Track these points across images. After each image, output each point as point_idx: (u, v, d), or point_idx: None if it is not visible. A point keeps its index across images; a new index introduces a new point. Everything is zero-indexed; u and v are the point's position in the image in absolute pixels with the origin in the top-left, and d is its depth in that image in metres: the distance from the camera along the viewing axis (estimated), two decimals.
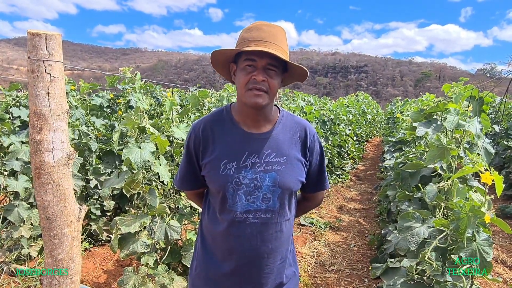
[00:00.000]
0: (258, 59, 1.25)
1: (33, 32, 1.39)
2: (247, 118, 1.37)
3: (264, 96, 1.27)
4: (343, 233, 4.78)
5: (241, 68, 1.28)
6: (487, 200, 1.73)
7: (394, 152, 4.64)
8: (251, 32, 1.28)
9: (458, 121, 2.02)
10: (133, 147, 2.23)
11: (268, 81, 1.27)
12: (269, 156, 1.34)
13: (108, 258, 3.72)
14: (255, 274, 1.38)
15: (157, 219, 2.43)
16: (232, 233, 1.35)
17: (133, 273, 2.29)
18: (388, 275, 2.05)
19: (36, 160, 1.42)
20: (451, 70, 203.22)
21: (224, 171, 1.33)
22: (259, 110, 1.33)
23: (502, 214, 5.46)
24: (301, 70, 1.34)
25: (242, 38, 1.30)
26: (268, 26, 1.29)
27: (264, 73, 1.26)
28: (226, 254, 1.38)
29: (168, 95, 3.14)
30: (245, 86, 1.27)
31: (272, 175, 1.32)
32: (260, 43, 1.24)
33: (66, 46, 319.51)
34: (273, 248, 1.37)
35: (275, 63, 1.26)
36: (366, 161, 10.88)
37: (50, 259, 1.49)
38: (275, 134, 1.37)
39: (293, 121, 1.44)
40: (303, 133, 1.42)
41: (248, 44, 1.26)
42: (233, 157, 1.34)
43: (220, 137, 1.38)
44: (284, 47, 1.29)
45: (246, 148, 1.34)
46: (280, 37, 1.29)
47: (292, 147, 1.38)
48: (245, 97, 1.28)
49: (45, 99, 1.40)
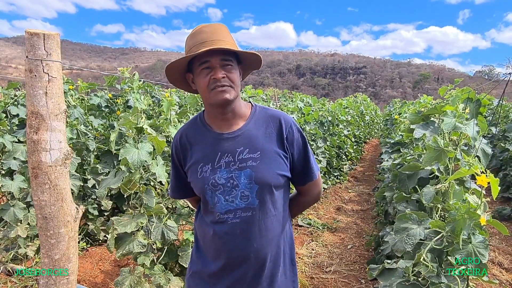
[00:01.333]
0: (211, 58, 1.26)
1: (31, 31, 1.39)
2: (217, 119, 1.38)
3: (230, 91, 1.28)
4: (341, 234, 4.78)
5: (198, 73, 1.30)
6: (483, 202, 1.74)
7: (391, 154, 4.65)
8: (195, 37, 1.30)
9: (455, 123, 2.03)
10: (130, 147, 2.23)
11: (228, 76, 1.28)
12: (242, 153, 1.33)
13: (106, 258, 3.71)
14: (244, 274, 1.37)
15: (154, 219, 2.43)
16: (217, 234, 1.35)
17: (129, 273, 2.29)
18: (385, 276, 2.05)
19: (33, 160, 1.42)
20: (450, 72, 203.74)
21: (201, 174, 1.35)
22: (228, 106, 1.33)
23: (499, 216, 5.48)
24: (254, 56, 1.35)
25: (189, 45, 1.31)
26: (209, 26, 1.31)
27: (222, 69, 1.27)
28: (214, 255, 1.40)
29: (166, 96, 3.14)
30: (207, 88, 1.28)
31: (247, 172, 1.31)
32: (207, 43, 1.25)
33: (65, 45, 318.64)
34: (258, 247, 1.35)
35: (227, 57, 1.28)
36: (364, 162, 10.90)
37: (47, 259, 1.49)
38: (247, 130, 1.36)
39: (267, 114, 1.42)
40: (277, 124, 1.39)
41: (195, 49, 1.26)
42: (208, 160, 1.35)
43: (196, 143, 1.40)
44: (230, 41, 1.30)
45: (219, 149, 1.35)
46: (223, 33, 1.30)
47: (266, 141, 1.36)
48: (211, 98, 1.29)
49: (43, 98, 1.40)
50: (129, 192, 2.38)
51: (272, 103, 6.97)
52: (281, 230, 1.42)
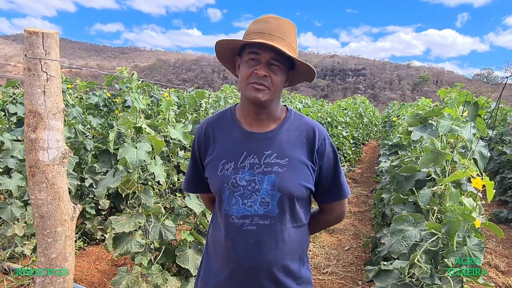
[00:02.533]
0: (262, 52, 1.17)
1: (30, 30, 1.39)
2: (249, 116, 1.29)
3: (264, 92, 1.19)
4: (338, 236, 4.79)
5: (244, 61, 1.21)
6: (478, 205, 1.75)
7: (389, 156, 4.67)
8: (258, 24, 1.21)
9: (451, 126, 2.04)
10: (129, 146, 2.24)
11: (271, 77, 1.19)
12: (269, 157, 1.24)
13: (103, 257, 3.71)
14: (252, 286, 1.26)
15: (152, 219, 2.44)
16: (229, 240, 1.26)
17: (127, 273, 2.29)
18: (381, 277, 2.06)
19: (30, 159, 1.42)
20: (449, 75, 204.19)
21: (221, 172, 1.26)
22: (261, 107, 1.25)
23: (496, 219, 5.49)
24: (308, 69, 1.25)
25: (249, 30, 1.23)
26: (277, 19, 1.21)
27: (267, 68, 1.18)
28: (224, 263, 1.30)
29: (165, 96, 3.14)
30: (246, 80, 1.20)
31: (271, 178, 1.22)
32: (266, 35, 1.17)
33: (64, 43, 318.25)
34: (273, 260, 1.24)
35: (279, 58, 1.19)
36: (362, 164, 10.91)
37: (43, 258, 1.49)
38: (279, 134, 1.28)
39: (301, 121, 1.33)
40: (311, 134, 1.30)
41: (252, 36, 1.18)
42: (231, 157, 1.26)
43: (221, 137, 1.32)
44: (291, 43, 1.21)
45: (245, 148, 1.26)
46: (288, 31, 1.21)
47: (296, 149, 1.27)
48: (245, 91, 1.21)
49: (41, 97, 1.40)
50: (127, 192, 2.39)
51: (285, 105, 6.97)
52: (299, 245, 1.32)
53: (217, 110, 3.77)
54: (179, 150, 3.07)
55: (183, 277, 2.65)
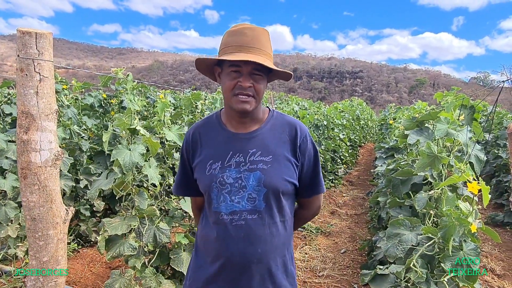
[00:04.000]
0: (243, 65, 1.24)
1: (23, 30, 1.38)
2: (234, 120, 1.37)
3: (251, 102, 1.27)
4: (335, 238, 4.78)
5: (226, 73, 1.28)
6: (474, 210, 1.74)
7: (386, 159, 4.66)
8: (235, 37, 1.26)
9: (448, 130, 2.03)
10: (122, 148, 2.21)
11: (254, 86, 1.26)
12: (254, 155, 1.32)
13: (97, 259, 3.68)
14: (245, 281, 1.31)
15: (146, 221, 2.41)
16: (219, 235, 1.32)
17: (120, 276, 2.27)
18: (376, 282, 2.05)
19: (22, 160, 1.40)
20: (445, 78, 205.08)
21: (209, 171, 1.33)
22: (246, 115, 1.34)
23: (492, 222, 5.50)
24: (286, 74, 1.35)
25: (226, 42, 1.28)
26: (252, 29, 1.27)
27: (250, 78, 1.25)
28: (214, 259, 1.35)
29: (161, 97, 3.12)
30: (231, 91, 1.27)
31: (256, 174, 1.29)
32: (244, 48, 1.23)
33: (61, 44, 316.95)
34: (262, 253, 1.30)
35: (260, 68, 1.26)
36: (359, 166, 10.91)
37: (35, 261, 1.47)
38: (262, 133, 1.36)
39: (284, 120, 1.41)
40: (293, 131, 1.37)
41: (231, 50, 1.25)
42: (218, 157, 1.33)
43: (208, 140, 1.39)
44: (268, 51, 1.29)
45: (231, 148, 1.33)
46: (263, 41, 1.28)
47: (280, 146, 1.34)
48: (231, 102, 1.28)
49: (34, 98, 1.38)
50: (121, 194, 2.36)
51: (267, 106, 6.97)
52: (286, 239, 1.39)
53: (213, 111, 3.75)
54: (175, 152, 3.05)
55: (178, 280, 2.63)
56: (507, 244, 4.75)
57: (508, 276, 3.79)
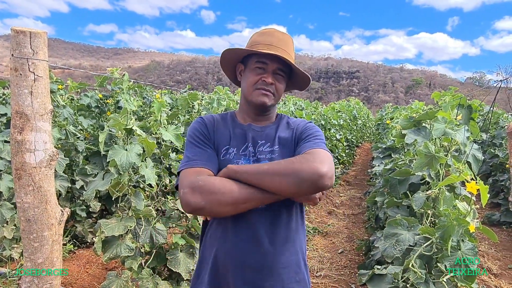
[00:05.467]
0: (270, 62, 1.32)
1: (17, 29, 1.36)
2: (248, 117, 1.42)
3: (270, 97, 1.34)
4: (332, 238, 4.77)
5: (251, 69, 1.35)
6: (472, 209, 1.74)
7: (383, 159, 4.66)
8: (264, 36, 1.35)
9: (445, 129, 2.03)
10: (119, 148, 2.20)
11: (275, 85, 1.34)
12: (263, 146, 1.37)
13: (93, 260, 3.65)
14: (249, 271, 1.26)
15: (142, 222, 2.40)
16: (230, 222, 1.29)
17: (116, 277, 2.25)
18: (374, 282, 2.04)
19: (17, 161, 1.38)
20: (441, 78, 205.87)
21: (224, 156, 1.35)
22: (264, 110, 1.39)
23: (488, 222, 5.52)
24: (306, 78, 1.40)
25: (255, 41, 1.36)
26: (281, 33, 1.37)
27: (273, 76, 1.33)
28: (224, 263, 1.30)
29: (157, 97, 3.11)
30: (253, 86, 1.34)
31: (265, 163, 1.30)
32: (273, 47, 1.31)
33: (57, 44, 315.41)
34: (268, 254, 1.26)
35: (283, 68, 1.34)
36: (356, 166, 10.93)
37: (29, 263, 1.46)
38: (272, 129, 1.41)
39: (290, 121, 1.48)
40: (297, 125, 1.44)
41: (261, 47, 1.32)
42: (234, 144, 1.37)
43: (223, 129, 1.41)
44: (292, 55, 1.36)
45: (246, 138, 1.38)
46: (290, 45, 1.37)
47: (286, 140, 1.39)
48: (252, 95, 1.34)
49: (28, 98, 1.37)
50: (118, 195, 2.35)
51: None
52: (299, 235, 1.37)
53: (210, 111, 3.73)
54: (171, 152, 3.03)
55: (174, 281, 2.61)
56: (504, 243, 4.77)
57: (505, 275, 3.80)
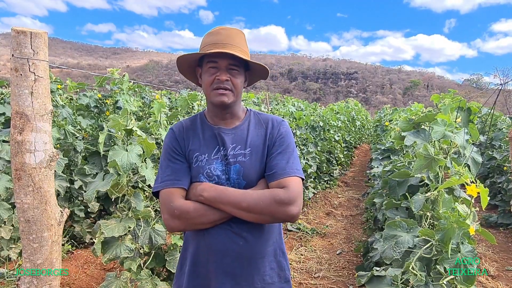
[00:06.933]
0: (220, 60, 1.34)
1: (17, 29, 1.35)
2: (216, 117, 1.44)
3: (229, 95, 1.36)
4: (330, 240, 4.78)
5: (205, 70, 1.38)
6: (472, 212, 1.74)
7: (382, 160, 4.67)
8: (212, 36, 1.37)
9: (445, 132, 2.04)
10: (119, 149, 2.19)
11: (231, 80, 1.35)
12: (234, 149, 1.39)
13: (91, 261, 3.65)
14: (229, 268, 1.34)
15: (141, 223, 2.39)
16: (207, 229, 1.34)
17: (115, 278, 2.24)
18: (373, 283, 2.04)
19: (16, 161, 1.38)
20: (439, 80, 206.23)
21: (196, 163, 1.39)
22: (226, 108, 1.40)
23: (486, 223, 5.54)
24: (261, 67, 1.42)
25: (204, 42, 1.39)
26: (226, 29, 1.39)
27: (227, 73, 1.35)
28: (204, 253, 1.38)
29: (157, 98, 3.10)
30: (210, 86, 1.36)
31: (236, 167, 1.36)
32: (219, 45, 1.33)
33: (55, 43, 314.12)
34: (246, 246, 1.34)
35: (235, 62, 1.35)
36: (354, 167, 10.94)
37: (29, 264, 1.45)
38: (242, 129, 1.43)
39: (260, 117, 1.49)
40: (268, 124, 1.45)
41: (208, 48, 1.34)
42: (204, 150, 1.40)
43: (194, 135, 1.45)
44: (242, 48, 1.38)
45: (216, 142, 1.41)
46: (237, 39, 1.38)
47: (257, 140, 1.41)
48: (211, 96, 1.37)
49: (28, 98, 1.36)
50: (117, 195, 2.34)
51: (263, 107, 6.95)
52: (271, 233, 1.42)
53: None
54: None
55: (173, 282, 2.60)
56: (501, 245, 4.78)
57: (502, 277, 3.81)
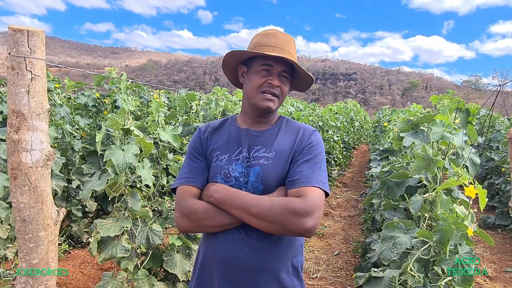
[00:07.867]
0: (275, 64, 1.29)
1: (14, 27, 1.34)
2: (249, 119, 1.39)
3: (275, 101, 1.32)
4: (328, 240, 4.77)
5: (256, 71, 1.31)
6: (470, 213, 1.74)
7: (380, 161, 4.67)
8: (268, 38, 1.32)
9: (443, 133, 2.04)
10: (116, 149, 2.18)
11: (281, 87, 1.31)
12: (258, 151, 1.32)
13: (89, 261, 3.63)
14: (240, 278, 1.25)
15: (138, 223, 2.38)
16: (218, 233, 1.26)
17: (112, 278, 2.23)
18: (371, 284, 2.04)
19: (13, 160, 1.37)
20: (438, 81, 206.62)
21: (215, 163, 1.34)
22: (268, 113, 1.36)
23: (484, 225, 5.54)
24: (309, 79, 1.37)
25: (258, 42, 1.33)
26: (284, 34, 1.34)
27: (278, 78, 1.30)
28: (210, 259, 1.31)
29: (155, 97, 3.09)
30: (258, 89, 1.30)
31: (256, 169, 1.28)
32: (278, 50, 1.28)
33: (54, 42, 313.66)
34: (253, 255, 1.24)
35: (288, 70, 1.32)
36: (353, 168, 10.95)
37: (25, 263, 1.44)
38: (271, 133, 1.37)
39: (293, 125, 1.42)
40: (299, 132, 1.37)
41: (265, 49, 1.29)
42: (225, 150, 1.35)
43: (219, 134, 1.41)
44: (295, 56, 1.35)
45: (240, 143, 1.35)
46: (293, 46, 1.35)
47: (284, 145, 1.33)
48: (256, 99, 1.31)
49: (25, 97, 1.35)
50: (114, 195, 2.33)
51: None
52: (288, 244, 1.31)
53: (208, 112, 3.72)
54: (169, 153, 3.02)
55: (171, 282, 2.60)
56: (499, 246, 4.79)
57: (500, 278, 3.81)
